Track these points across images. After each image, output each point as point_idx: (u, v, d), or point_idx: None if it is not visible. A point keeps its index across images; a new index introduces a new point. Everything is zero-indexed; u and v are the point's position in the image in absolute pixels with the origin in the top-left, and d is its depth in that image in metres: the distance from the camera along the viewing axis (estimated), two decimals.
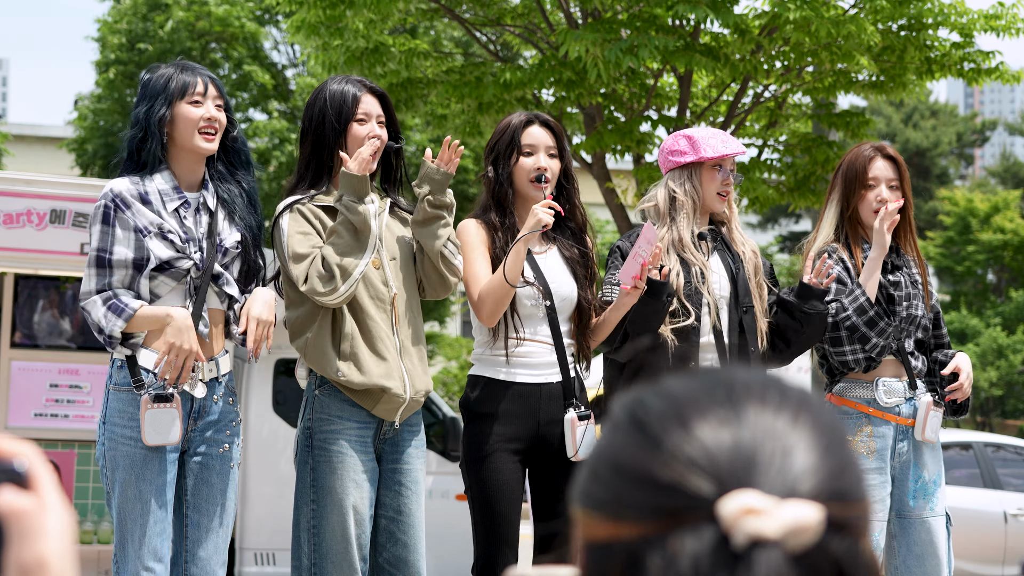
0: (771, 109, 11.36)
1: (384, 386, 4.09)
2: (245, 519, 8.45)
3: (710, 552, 0.89)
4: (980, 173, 52.64)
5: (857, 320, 4.48)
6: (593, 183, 11.58)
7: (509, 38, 11.81)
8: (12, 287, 7.94)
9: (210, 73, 4.13)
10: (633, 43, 9.25)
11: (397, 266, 4.25)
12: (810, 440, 0.93)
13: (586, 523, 0.97)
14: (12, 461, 0.93)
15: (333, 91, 4.22)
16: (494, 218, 4.39)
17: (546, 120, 4.48)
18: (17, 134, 29.40)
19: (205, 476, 4.10)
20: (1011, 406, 30.95)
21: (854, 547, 0.92)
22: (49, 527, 0.91)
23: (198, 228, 4.06)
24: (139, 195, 4.00)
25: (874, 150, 4.68)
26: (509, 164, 4.41)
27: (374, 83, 4.32)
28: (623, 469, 0.94)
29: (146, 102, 4.05)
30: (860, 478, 0.95)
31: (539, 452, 4.35)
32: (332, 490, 4.08)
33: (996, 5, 10.25)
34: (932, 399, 4.58)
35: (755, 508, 0.88)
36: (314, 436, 4.13)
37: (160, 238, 3.98)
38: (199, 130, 4.04)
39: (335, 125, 4.19)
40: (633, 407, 0.98)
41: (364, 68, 10.61)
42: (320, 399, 4.15)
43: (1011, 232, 30.62)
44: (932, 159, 40.96)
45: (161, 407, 3.93)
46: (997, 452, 11.52)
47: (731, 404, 0.95)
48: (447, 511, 8.76)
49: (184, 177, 4.10)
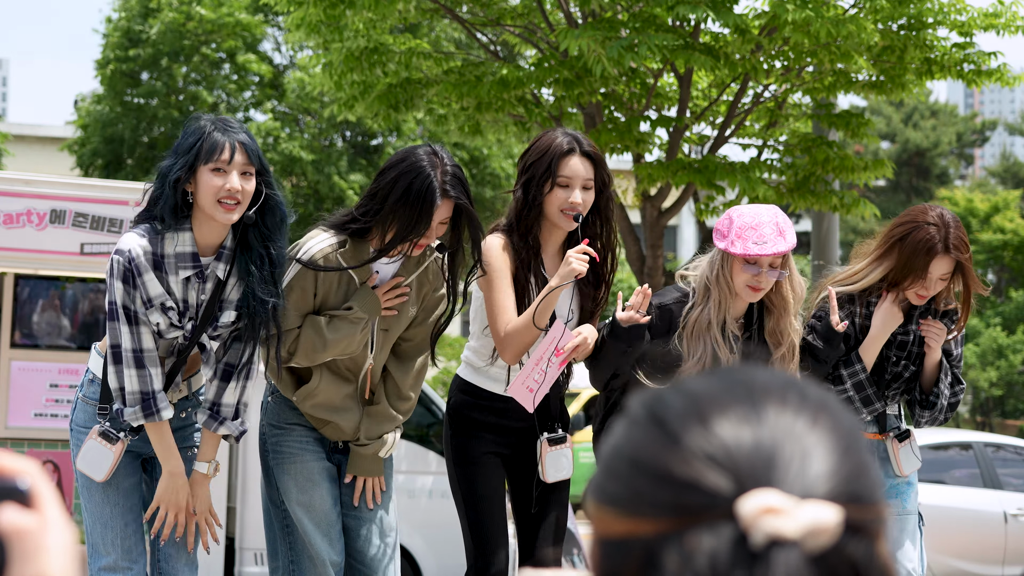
0: (771, 109, 11.35)
1: (333, 423, 4.18)
2: (245, 519, 8.45)
3: (728, 550, 0.89)
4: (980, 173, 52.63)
5: (853, 395, 4.60)
6: None
7: (509, 38, 11.81)
8: (12, 287, 7.94)
9: (244, 136, 3.90)
10: (633, 41, 9.24)
11: (386, 337, 4.22)
12: (829, 442, 0.94)
13: (601, 519, 0.96)
14: (15, 479, 0.92)
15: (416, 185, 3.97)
16: (517, 241, 4.24)
17: (587, 151, 4.28)
18: (17, 134, 29.40)
19: None
20: (1011, 406, 30.94)
21: (871, 550, 0.92)
22: (51, 545, 0.90)
23: (200, 295, 3.94)
24: (153, 260, 3.86)
25: (943, 245, 4.46)
26: (542, 193, 4.22)
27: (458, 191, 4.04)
28: (641, 465, 0.94)
29: (171, 156, 3.88)
30: (877, 482, 0.95)
31: (519, 461, 4.38)
32: (289, 491, 4.18)
33: (996, 3, 10.24)
34: (897, 433, 4.72)
35: (775, 508, 0.88)
36: (268, 441, 4.23)
37: (161, 312, 3.90)
38: (219, 200, 3.83)
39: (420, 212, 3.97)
40: (652, 403, 0.98)
41: (364, 68, 10.61)
42: (272, 404, 4.25)
43: (1011, 232, 30.62)
44: (932, 159, 40.97)
45: (102, 443, 3.94)
46: (997, 452, 11.52)
47: (751, 403, 0.95)
48: (447, 511, 8.76)
49: (204, 240, 3.92)
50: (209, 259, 3.93)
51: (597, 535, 0.97)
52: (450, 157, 4.07)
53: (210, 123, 3.89)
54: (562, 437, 4.33)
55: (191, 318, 3.93)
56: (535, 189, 4.22)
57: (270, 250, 3.93)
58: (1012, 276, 32.40)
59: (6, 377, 7.81)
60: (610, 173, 4.38)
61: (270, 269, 3.93)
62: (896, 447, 4.69)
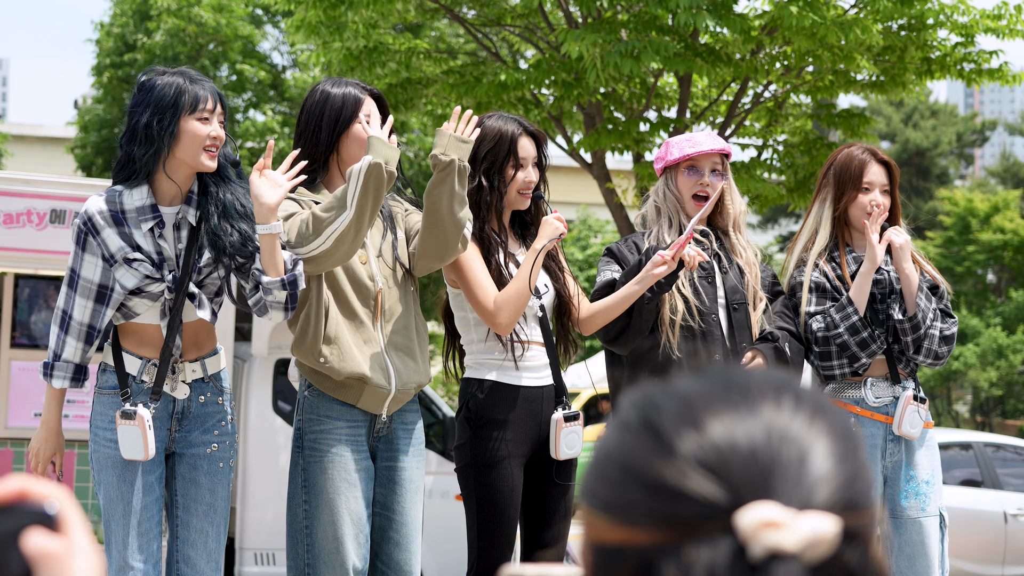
0: (771, 109, 11.35)
1: (364, 375, 4.08)
2: (245, 519, 8.45)
3: (727, 563, 0.88)
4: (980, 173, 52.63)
5: (849, 339, 4.54)
6: (592, 183, 11.57)
7: (509, 38, 11.81)
8: (12, 287, 7.94)
9: (215, 87, 4.08)
10: (633, 46, 9.24)
11: (383, 263, 4.24)
12: (826, 447, 0.93)
13: (594, 524, 0.95)
14: (43, 503, 0.92)
15: (333, 94, 4.20)
16: (480, 228, 4.38)
17: (533, 131, 4.48)
18: (17, 134, 29.41)
19: (193, 476, 4.11)
20: (1011, 406, 30.94)
21: (866, 555, 0.92)
22: (78, 571, 0.90)
23: (176, 245, 4.02)
24: (112, 216, 3.97)
25: (868, 153, 4.70)
26: (505, 177, 4.41)
27: (371, 85, 4.30)
28: (633, 473, 0.93)
29: (151, 112, 3.96)
30: (870, 484, 0.95)
31: (537, 455, 4.38)
32: (323, 490, 4.09)
33: (999, 5, 10.23)
34: (911, 393, 4.61)
35: (774, 521, 0.87)
36: (304, 437, 4.15)
37: (128, 265, 3.95)
38: (204, 147, 3.98)
39: (334, 127, 4.18)
40: (644, 407, 0.96)
41: (364, 68, 10.61)
42: (309, 400, 4.17)
43: (1011, 232, 30.61)
44: (932, 159, 40.97)
45: (127, 424, 3.96)
46: (997, 452, 11.52)
47: (747, 408, 0.93)
48: (447, 511, 8.76)
49: (170, 191, 4.04)
50: (173, 208, 4.03)
51: (591, 540, 0.95)
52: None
53: (180, 76, 4.02)
54: (576, 414, 4.37)
55: (171, 270, 3.98)
56: (497, 175, 4.39)
57: (228, 184, 4.10)
58: (1012, 276, 32.39)
59: (6, 377, 7.82)
60: (546, 150, 4.57)
61: (232, 201, 4.06)
62: (908, 402, 4.57)
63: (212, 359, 4.14)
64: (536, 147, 4.46)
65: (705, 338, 4.43)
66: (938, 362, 4.65)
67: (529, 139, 4.44)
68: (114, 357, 4.06)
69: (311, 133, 4.21)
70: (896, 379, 4.63)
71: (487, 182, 4.40)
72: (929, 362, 4.64)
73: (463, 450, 4.35)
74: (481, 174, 4.40)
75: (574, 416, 4.37)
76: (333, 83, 4.25)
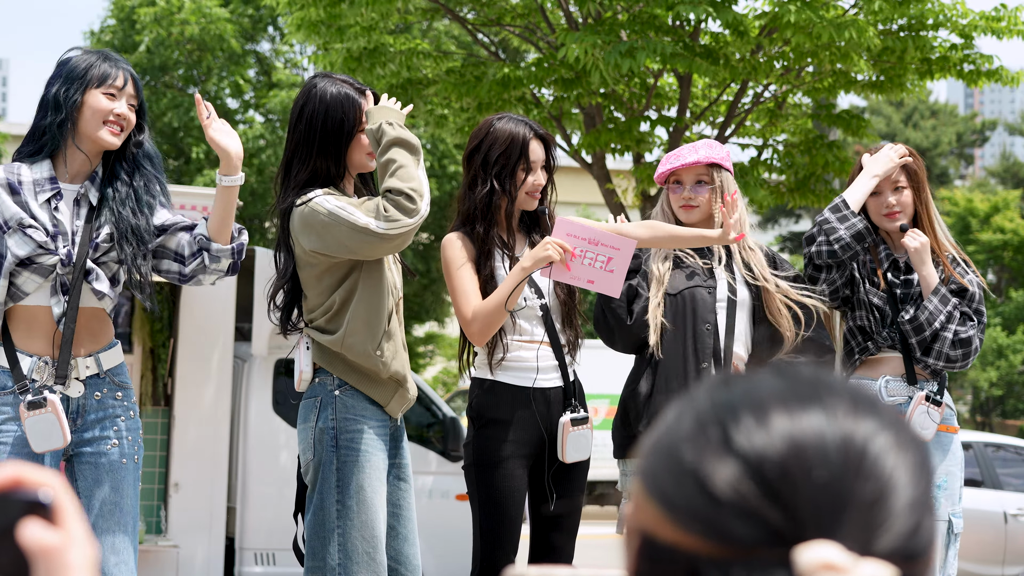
0: (771, 109, 11.35)
1: (405, 376, 4.14)
2: (245, 519, 8.45)
3: None
4: (980, 173, 52.65)
5: (829, 215, 4.61)
6: (593, 183, 11.57)
7: (509, 37, 11.82)
8: None
9: (132, 70, 4.01)
10: (633, 46, 9.25)
11: (396, 273, 4.25)
12: (903, 490, 0.88)
13: (648, 511, 0.91)
14: (37, 491, 0.90)
15: (334, 94, 4.12)
16: (483, 232, 4.33)
17: (542, 134, 4.47)
18: (17, 134, 29.39)
19: (95, 476, 3.94)
20: (1011, 406, 30.95)
21: None
22: (74, 562, 0.88)
23: (74, 221, 3.91)
24: (8, 184, 3.89)
25: (873, 150, 4.80)
26: (516, 180, 4.37)
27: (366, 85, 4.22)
28: (699, 478, 0.89)
29: (61, 83, 3.92)
30: (933, 533, 0.91)
31: (541, 456, 4.37)
32: (361, 489, 4.06)
33: (998, 7, 10.24)
34: (925, 394, 4.60)
35: (836, 566, 0.84)
36: (340, 436, 4.09)
37: (20, 233, 3.84)
38: (105, 121, 3.90)
39: (345, 130, 4.09)
40: (719, 406, 0.92)
41: (364, 69, 10.61)
42: (343, 399, 4.12)
43: (1011, 232, 30.63)
44: (932, 159, 40.97)
45: (36, 414, 3.82)
46: (997, 452, 11.52)
47: (830, 426, 0.88)
48: (447, 511, 8.76)
49: (72, 167, 3.95)
50: (75, 185, 3.94)
51: (641, 528, 0.92)
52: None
53: (98, 54, 3.98)
54: (584, 418, 4.35)
55: (66, 244, 3.86)
56: (508, 179, 4.37)
57: (134, 186, 3.97)
58: (1012, 276, 32.41)
59: None
60: (554, 153, 4.58)
61: (136, 199, 3.95)
62: (918, 402, 4.56)
63: (107, 353, 3.99)
64: (545, 150, 4.46)
65: (697, 341, 4.45)
66: (952, 366, 4.62)
67: (539, 142, 4.43)
68: (6, 351, 3.89)
69: (316, 143, 4.10)
70: (913, 380, 4.62)
71: (499, 185, 4.36)
72: (942, 365, 4.62)
73: (467, 449, 4.37)
74: (493, 177, 4.37)
75: (583, 419, 4.35)
76: (329, 82, 4.15)
